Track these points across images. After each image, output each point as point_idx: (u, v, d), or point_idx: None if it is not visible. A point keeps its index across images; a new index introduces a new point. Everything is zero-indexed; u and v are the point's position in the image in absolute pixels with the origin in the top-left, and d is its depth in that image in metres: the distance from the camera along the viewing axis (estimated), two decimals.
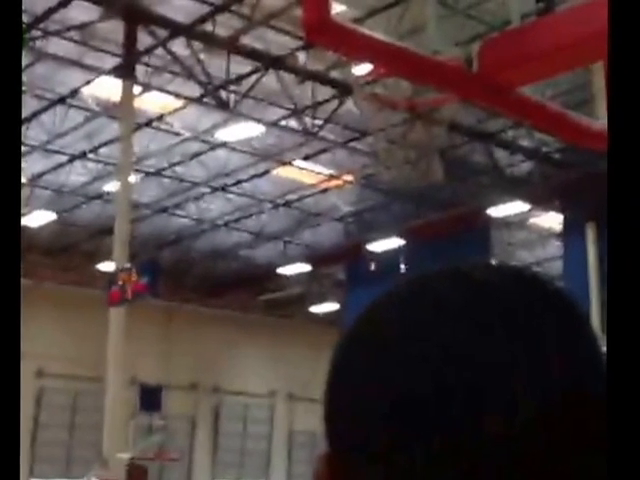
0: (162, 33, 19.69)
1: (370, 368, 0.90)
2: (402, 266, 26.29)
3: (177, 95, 21.55)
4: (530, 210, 27.07)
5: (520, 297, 0.91)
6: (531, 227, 29.45)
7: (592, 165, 23.51)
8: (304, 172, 26.26)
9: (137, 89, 20.09)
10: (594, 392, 0.90)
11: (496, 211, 26.31)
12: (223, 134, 23.58)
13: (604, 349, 0.93)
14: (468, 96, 9.99)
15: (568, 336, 0.91)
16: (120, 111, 20.04)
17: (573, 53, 7.94)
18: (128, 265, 18.52)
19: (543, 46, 7.95)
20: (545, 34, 7.97)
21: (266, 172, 26.00)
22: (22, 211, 21.90)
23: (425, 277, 0.96)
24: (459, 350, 0.87)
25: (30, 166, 23.74)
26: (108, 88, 20.67)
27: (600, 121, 8.54)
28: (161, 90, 21.23)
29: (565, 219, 26.39)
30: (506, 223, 27.96)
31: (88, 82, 20.94)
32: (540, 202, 26.30)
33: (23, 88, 19.25)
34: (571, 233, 25.81)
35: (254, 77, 21.10)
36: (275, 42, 20.38)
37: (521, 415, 0.85)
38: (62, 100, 21.75)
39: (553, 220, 27.69)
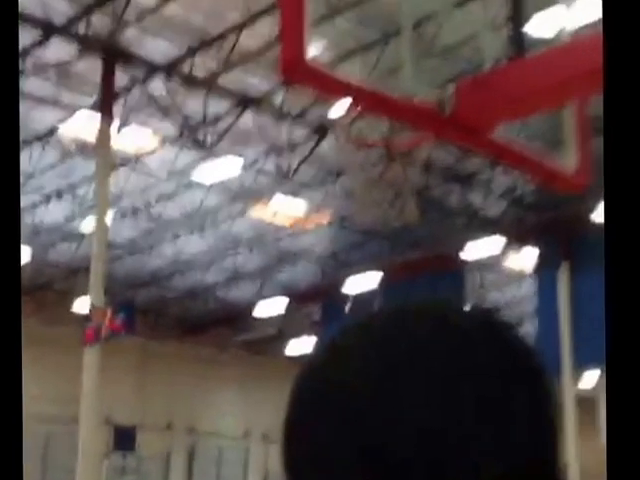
0: (140, 72, 19.81)
1: (338, 417, 0.91)
2: (377, 306, 26.36)
3: (154, 134, 21.62)
4: (504, 251, 27.25)
5: (495, 360, 0.93)
6: (504, 267, 29.58)
7: (564, 207, 23.74)
8: (281, 212, 26.33)
9: (114, 128, 20.13)
10: (553, 465, 0.93)
11: (471, 251, 26.48)
12: (200, 174, 23.66)
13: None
14: (442, 137, 10.11)
15: (535, 409, 0.93)
16: (97, 150, 20.05)
17: (543, 97, 8.07)
18: (103, 304, 18.45)
19: (514, 89, 8.08)
20: (516, 78, 8.10)
21: (242, 212, 26.07)
22: None
23: (402, 317, 0.96)
24: (428, 418, 0.88)
25: None
26: (85, 127, 20.70)
27: (570, 163, 8.66)
28: (138, 129, 21.29)
29: (537, 260, 26.58)
30: (480, 263, 28.10)
31: (65, 120, 20.99)
32: (513, 243, 26.49)
33: None
34: (543, 274, 25.98)
35: (231, 117, 21.23)
36: (252, 83, 20.53)
37: None
38: (38, 138, 21.78)
39: (526, 261, 27.85)
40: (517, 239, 26.19)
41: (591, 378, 26.05)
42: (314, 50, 11.88)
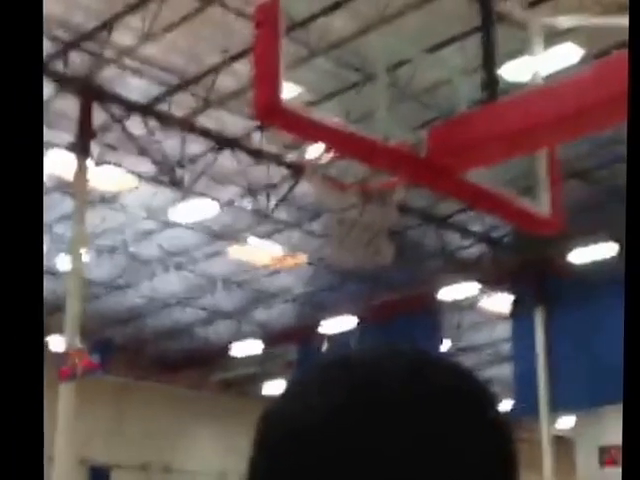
0: (118, 111, 19.87)
1: (301, 456, 0.92)
2: (354, 347, 26.35)
3: (132, 173, 21.64)
4: (480, 293, 27.33)
5: (459, 411, 0.94)
6: (481, 309, 29.65)
7: (540, 249, 23.85)
8: (258, 252, 26.34)
9: (92, 166, 20.14)
10: None
11: (447, 293, 26.56)
12: (177, 213, 23.67)
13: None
14: (417, 180, 10.17)
15: (497, 459, 0.95)
16: (74, 188, 20.04)
17: (515, 141, 8.15)
18: (80, 342, 18.38)
19: (487, 133, 8.17)
20: (488, 122, 8.19)
21: (220, 251, 26.06)
22: None
23: (374, 360, 0.97)
24: (396, 468, 0.89)
25: None
26: (62, 164, 20.67)
27: (543, 207, 8.75)
28: (116, 167, 21.32)
29: (514, 302, 26.66)
30: (457, 305, 28.16)
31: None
32: (490, 285, 26.58)
33: None
34: (520, 316, 26.07)
35: (209, 156, 21.29)
36: (231, 122, 20.60)
37: None
38: None
39: (502, 303, 27.94)
40: (493, 281, 26.28)
41: (569, 419, 26.09)
42: (292, 92, 11.96)
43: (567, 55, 16.60)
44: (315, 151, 17.79)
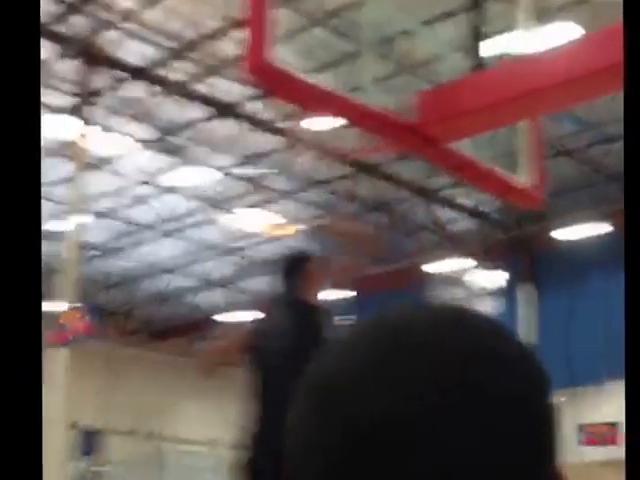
0: (118, 75, 20.03)
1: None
2: (340, 317, 26.52)
3: (130, 138, 21.81)
4: (467, 267, 27.53)
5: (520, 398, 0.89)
6: (468, 284, 29.83)
7: (528, 226, 24.07)
8: (251, 220, 26.51)
9: (91, 129, 20.30)
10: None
11: (436, 267, 26.77)
12: (173, 179, 23.86)
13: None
14: (406, 147, 10.35)
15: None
16: (72, 151, 20.22)
17: (501, 111, 8.33)
18: (74, 306, 18.50)
19: (474, 102, 8.34)
20: (476, 91, 8.36)
21: (214, 219, 26.25)
22: None
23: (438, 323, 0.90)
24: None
25: None
26: (62, 127, 20.85)
27: (526, 181, 8.93)
28: (114, 132, 21.49)
29: (502, 278, 26.85)
30: (445, 279, 28.34)
31: (42, 120, 21.13)
32: (477, 260, 26.79)
33: None
34: (507, 292, 26.25)
35: (207, 123, 21.46)
36: (229, 90, 20.77)
37: None
38: None
39: (491, 278, 28.12)
40: (482, 256, 26.47)
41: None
42: (289, 59, 12.15)
43: (566, 33, 16.64)
44: (312, 121, 18.02)
